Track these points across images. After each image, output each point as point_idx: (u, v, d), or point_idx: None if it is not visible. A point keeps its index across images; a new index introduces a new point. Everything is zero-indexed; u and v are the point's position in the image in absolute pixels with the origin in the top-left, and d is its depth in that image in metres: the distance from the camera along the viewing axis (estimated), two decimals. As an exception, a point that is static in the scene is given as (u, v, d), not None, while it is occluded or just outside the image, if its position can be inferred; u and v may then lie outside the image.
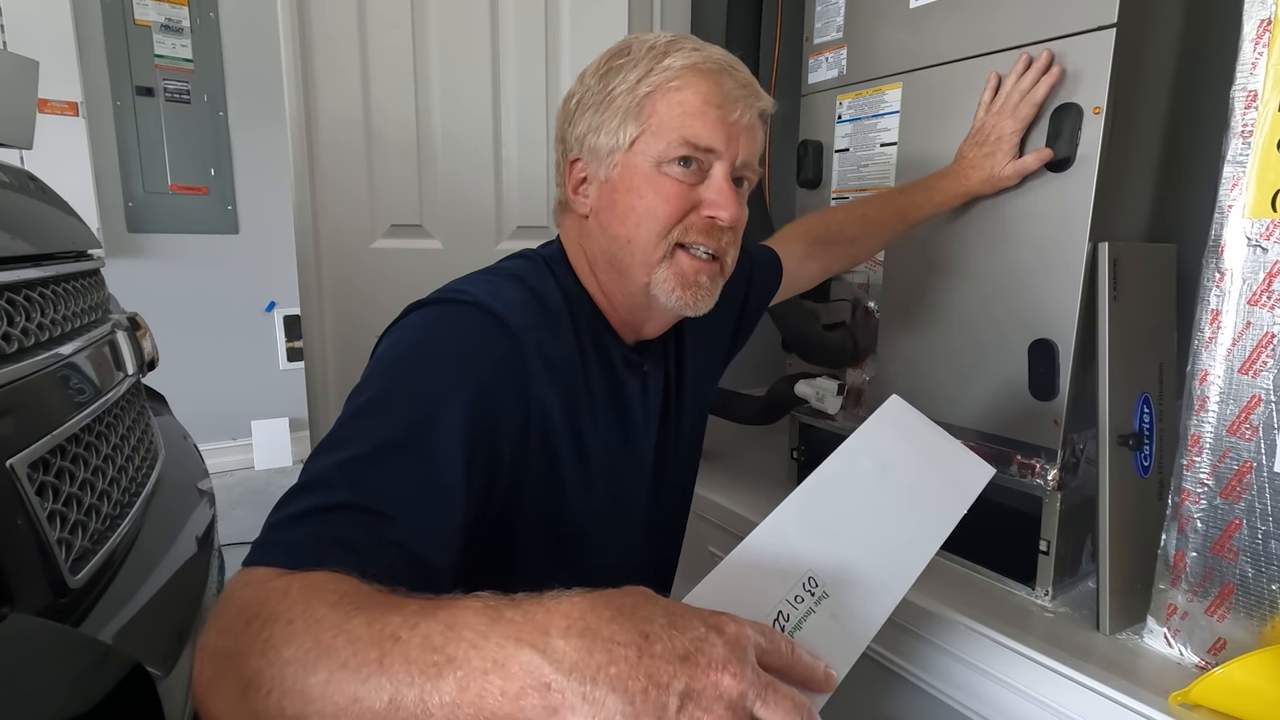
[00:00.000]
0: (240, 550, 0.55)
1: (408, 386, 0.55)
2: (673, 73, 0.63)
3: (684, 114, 0.63)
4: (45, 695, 0.47)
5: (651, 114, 0.63)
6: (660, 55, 0.64)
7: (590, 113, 0.66)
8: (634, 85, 0.64)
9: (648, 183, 0.64)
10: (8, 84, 0.92)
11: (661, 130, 0.63)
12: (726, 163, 0.64)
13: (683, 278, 0.66)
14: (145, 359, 1.04)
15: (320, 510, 0.47)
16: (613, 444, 0.70)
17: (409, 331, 0.60)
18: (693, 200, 0.64)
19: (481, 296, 0.61)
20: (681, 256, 0.66)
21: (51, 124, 2.36)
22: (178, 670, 0.67)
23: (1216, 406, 0.78)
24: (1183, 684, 0.75)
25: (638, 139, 0.64)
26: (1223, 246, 0.76)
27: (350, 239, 1.38)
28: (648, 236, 0.65)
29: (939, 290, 1.10)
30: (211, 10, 2.69)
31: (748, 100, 0.64)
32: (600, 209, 0.68)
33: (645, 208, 0.64)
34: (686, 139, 0.62)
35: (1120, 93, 0.89)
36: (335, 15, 1.30)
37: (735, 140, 0.64)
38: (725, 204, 0.64)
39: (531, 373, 0.60)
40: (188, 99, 2.70)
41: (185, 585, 0.80)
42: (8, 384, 0.61)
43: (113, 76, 2.56)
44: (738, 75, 0.65)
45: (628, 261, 0.66)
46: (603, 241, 0.68)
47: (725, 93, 0.63)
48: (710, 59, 0.64)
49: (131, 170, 2.64)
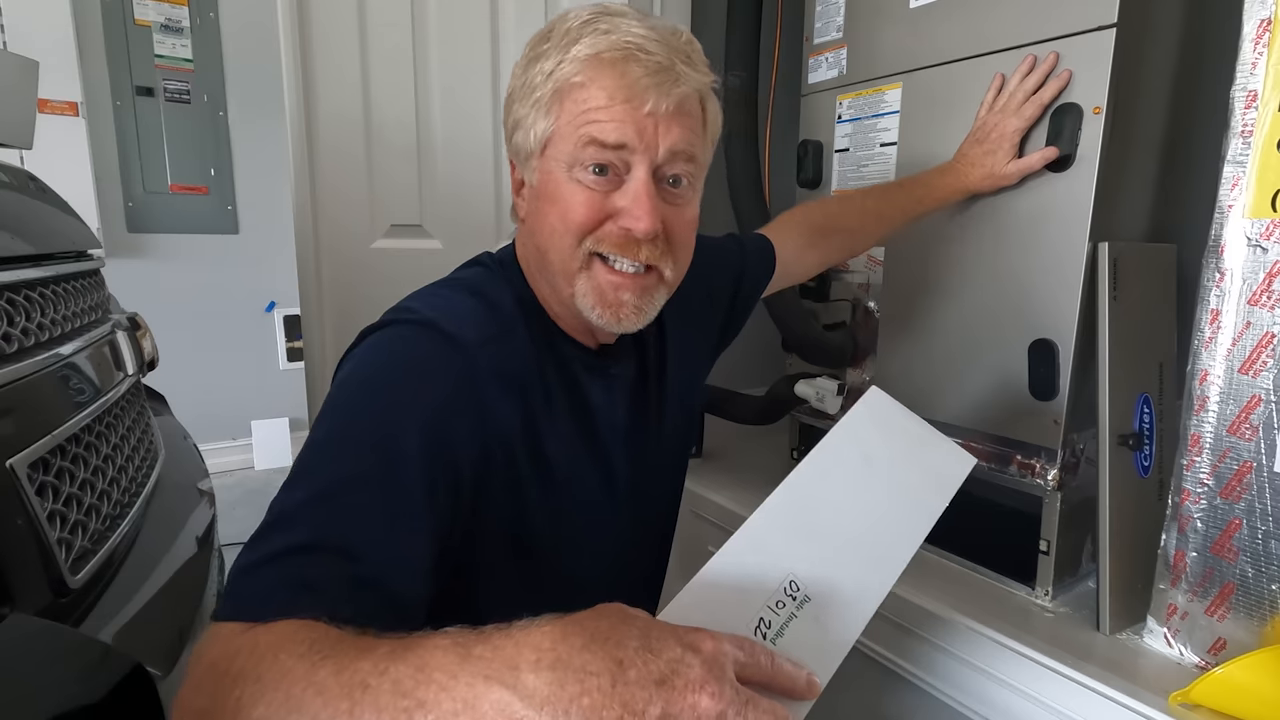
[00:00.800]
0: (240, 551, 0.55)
1: (363, 417, 0.54)
2: (576, 65, 0.57)
3: (587, 110, 0.57)
4: (45, 695, 0.47)
5: (559, 113, 0.58)
6: (571, 42, 0.58)
7: (516, 106, 0.62)
8: (545, 79, 0.59)
9: (560, 190, 0.59)
10: (8, 84, 0.92)
11: (568, 131, 0.58)
12: (645, 162, 0.58)
13: (600, 294, 0.61)
14: (145, 359, 1.04)
15: (284, 554, 0.46)
16: (577, 453, 0.68)
17: (362, 358, 0.59)
18: (609, 208, 0.59)
19: (431, 315, 0.59)
20: (599, 270, 0.60)
21: (51, 124, 2.36)
22: (178, 670, 0.67)
23: (1216, 406, 0.78)
24: (1183, 684, 0.75)
25: (548, 142, 0.59)
26: (1223, 246, 0.76)
27: (350, 239, 1.39)
28: (560, 246, 0.60)
29: (939, 290, 1.10)
30: (211, 10, 2.69)
31: (662, 87, 0.57)
32: (529, 215, 0.64)
33: (557, 216, 0.60)
34: (593, 137, 0.57)
35: (1120, 93, 0.89)
36: (335, 15, 1.31)
37: (651, 133, 0.57)
38: (640, 213, 0.57)
39: (487, 390, 0.58)
40: (188, 99, 2.70)
41: (185, 585, 0.80)
42: (8, 384, 0.61)
43: (113, 76, 2.56)
44: (648, 59, 0.57)
45: (550, 271, 0.63)
46: (531, 248, 0.65)
47: (632, 83, 0.56)
48: (618, 44, 0.57)
49: (131, 170, 2.64)
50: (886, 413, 0.62)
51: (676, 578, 0.48)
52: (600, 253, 0.60)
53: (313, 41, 1.29)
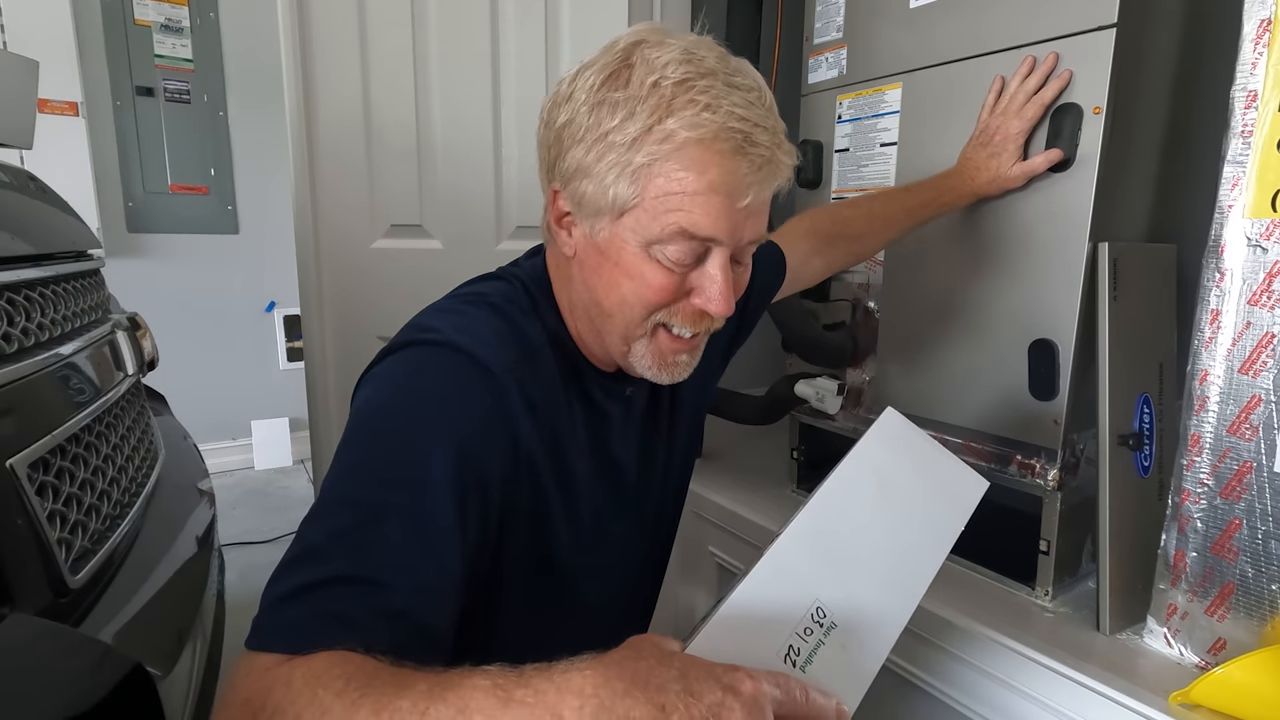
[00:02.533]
0: (240, 550, 0.55)
1: (390, 445, 0.53)
2: (675, 146, 0.52)
3: (682, 195, 0.53)
4: (45, 695, 0.47)
5: (646, 188, 0.54)
6: (664, 108, 0.52)
7: (580, 149, 0.56)
8: (629, 145, 0.53)
9: (636, 263, 0.57)
10: (8, 84, 0.92)
11: (656, 211, 0.54)
12: (727, 249, 0.56)
13: (660, 357, 0.61)
14: (145, 359, 1.04)
15: (315, 586, 0.46)
16: (596, 471, 0.68)
17: (384, 382, 0.57)
18: (684, 287, 0.58)
19: (455, 336, 0.57)
20: (662, 336, 0.61)
21: (51, 124, 2.36)
22: (178, 670, 0.68)
23: (1216, 406, 0.78)
24: (1183, 684, 0.75)
25: (627, 212, 0.55)
26: (1223, 246, 0.76)
27: (350, 239, 1.39)
28: (630, 317, 0.59)
29: (939, 290, 1.10)
30: (211, 10, 2.69)
31: (764, 183, 0.55)
32: (585, 264, 0.61)
33: (631, 290, 0.58)
34: (684, 228, 0.54)
35: (1120, 93, 0.89)
36: (335, 15, 1.30)
37: (741, 226, 0.56)
38: (718, 297, 0.57)
39: (516, 415, 0.57)
40: (188, 99, 2.70)
41: (185, 585, 0.80)
42: (8, 384, 0.61)
43: (113, 76, 2.56)
44: (755, 153, 0.53)
45: (607, 328, 0.62)
46: (584, 295, 0.62)
47: (738, 180, 0.53)
48: (725, 129, 0.52)
49: (131, 170, 2.64)
50: (902, 434, 0.61)
51: (677, 578, 0.48)
52: (666, 323, 0.60)
53: (313, 41, 1.29)
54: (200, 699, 0.74)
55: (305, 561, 0.48)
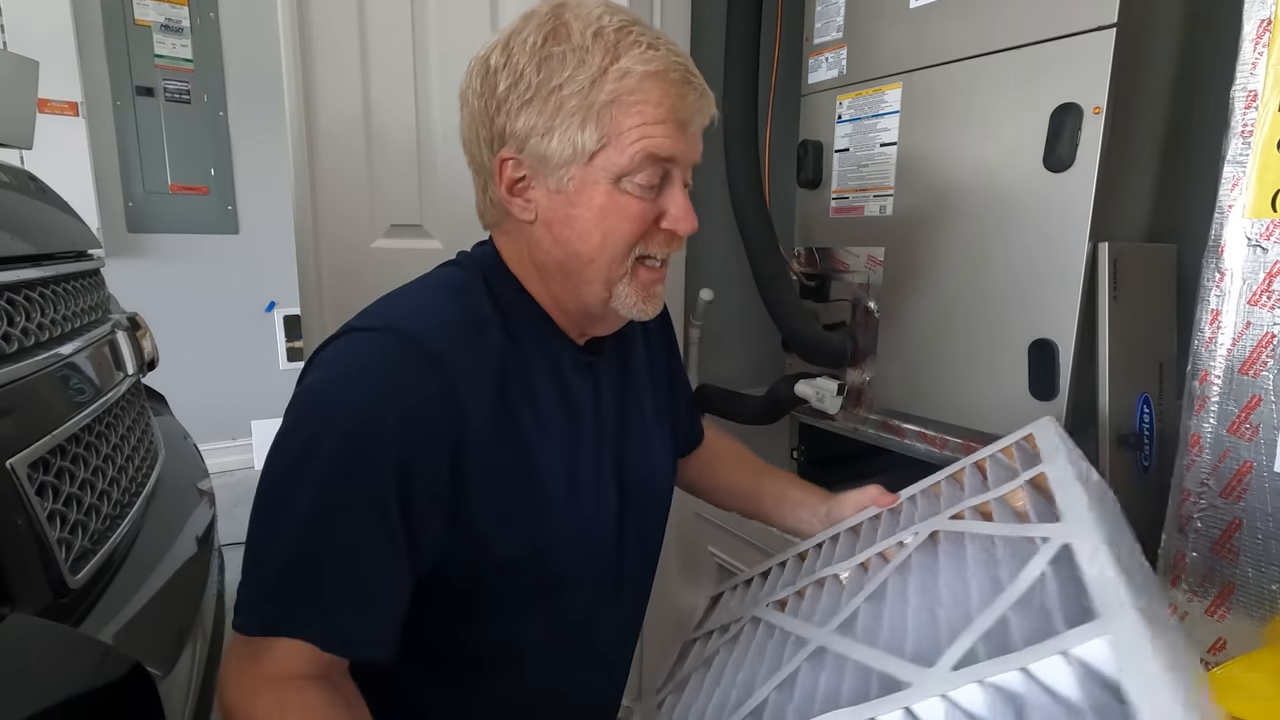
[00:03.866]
0: (240, 550, 0.55)
1: (328, 444, 0.54)
2: (634, 82, 0.58)
3: (645, 125, 0.59)
4: (45, 695, 0.47)
5: (611, 126, 0.59)
6: (613, 51, 0.58)
7: (532, 110, 0.59)
8: (587, 89, 0.58)
9: (609, 199, 0.61)
10: (8, 84, 0.92)
11: (623, 144, 0.59)
12: (682, 172, 0.63)
13: (644, 291, 0.65)
14: (145, 359, 1.04)
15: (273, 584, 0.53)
16: (568, 452, 0.67)
17: (324, 372, 0.59)
18: (653, 213, 0.63)
19: (392, 319, 0.59)
20: (642, 271, 0.65)
21: (51, 124, 2.36)
22: (178, 670, 0.68)
23: (1216, 406, 0.78)
24: (1183, 684, 0.75)
25: (598, 153, 0.59)
26: (1223, 246, 0.76)
27: (350, 239, 1.38)
28: (612, 256, 0.62)
29: (939, 290, 1.10)
30: (211, 10, 2.69)
31: (704, 111, 0.63)
32: (552, 220, 0.63)
33: (610, 228, 0.61)
34: (651, 153, 0.59)
35: (1120, 93, 0.89)
36: (335, 15, 1.30)
37: (692, 149, 0.63)
38: (686, 216, 0.63)
39: (456, 388, 0.57)
40: (188, 99, 2.70)
41: (185, 585, 0.80)
42: (8, 384, 0.61)
43: (113, 76, 2.56)
44: (696, 82, 0.61)
45: (588, 277, 0.64)
46: (556, 254, 0.64)
47: (688, 105, 0.61)
48: (673, 64, 0.60)
49: (131, 170, 2.64)
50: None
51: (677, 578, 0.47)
52: (643, 255, 0.64)
53: (313, 41, 1.29)
54: (200, 699, 0.74)
55: (260, 567, 0.54)
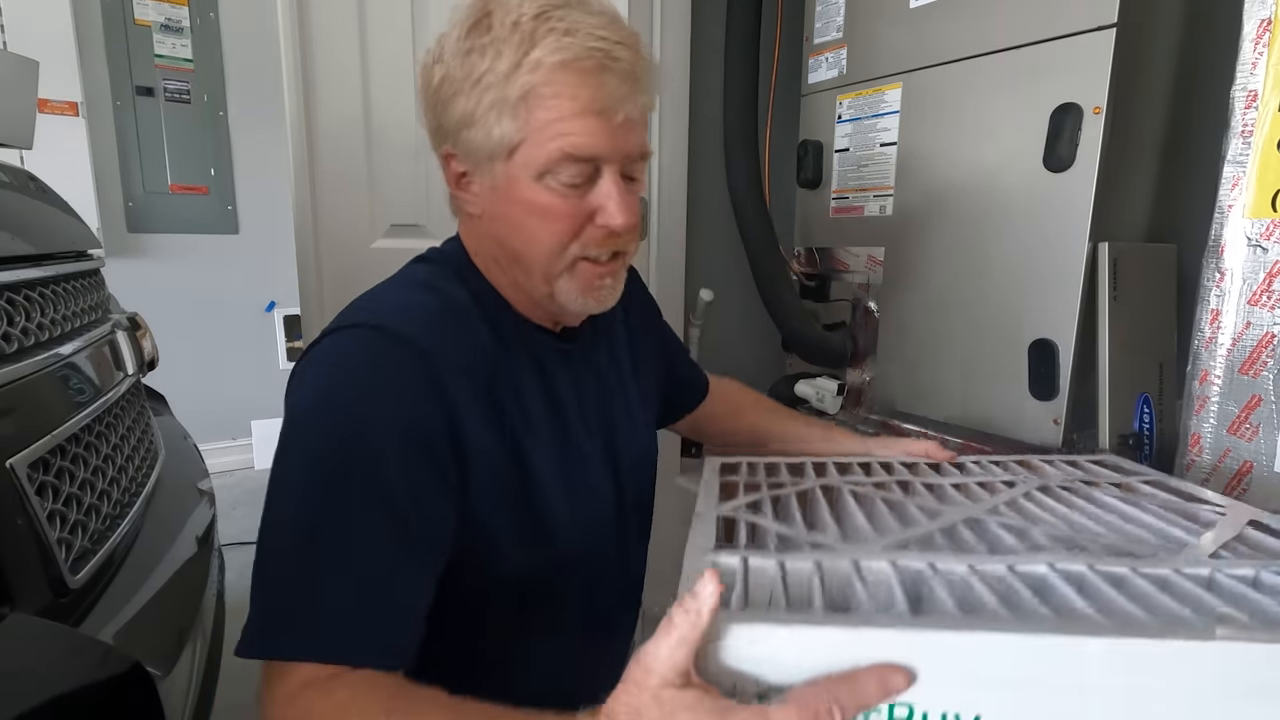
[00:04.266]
0: (240, 550, 0.55)
1: (332, 446, 0.54)
2: (545, 73, 0.55)
3: (560, 120, 0.56)
4: (45, 695, 0.47)
5: (527, 119, 0.56)
6: (528, 41, 0.55)
7: (460, 100, 0.58)
8: (503, 80, 0.56)
9: (533, 197, 0.58)
10: (8, 84, 0.92)
11: (539, 140, 0.57)
12: (616, 165, 0.59)
13: (585, 286, 0.62)
14: (145, 359, 1.04)
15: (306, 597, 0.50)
16: (558, 446, 0.66)
17: (313, 381, 0.57)
18: (585, 209, 0.59)
19: (377, 317, 0.58)
20: (582, 267, 0.62)
21: (51, 124, 2.36)
22: (177, 670, 0.67)
23: (1216, 406, 0.78)
24: (1183, 684, 0.75)
25: (516, 149, 0.58)
26: (1223, 246, 0.76)
27: (350, 239, 1.38)
28: (543, 254, 0.60)
29: (939, 290, 1.10)
30: (211, 10, 2.69)
31: (633, 97, 0.57)
32: (493, 215, 0.62)
33: (538, 225, 0.59)
34: (567, 152, 0.56)
35: (1120, 93, 0.89)
36: (335, 15, 1.30)
37: (621, 141, 0.58)
38: (618, 211, 0.59)
39: (447, 383, 0.57)
40: (188, 99, 2.69)
41: (185, 585, 0.80)
42: (8, 384, 0.61)
43: (113, 76, 2.56)
44: (619, 66, 0.56)
45: (526, 273, 0.63)
46: (499, 249, 0.64)
47: (607, 95, 0.56)
48: (588, 50, 0.55)
49: (131, 170, 2.64)
50: None
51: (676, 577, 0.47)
52: (583, 256, 0.61)
53: (313, 42, 1.29)
54: (200, 699, 0.74)
55: (273, 570, 0.52)
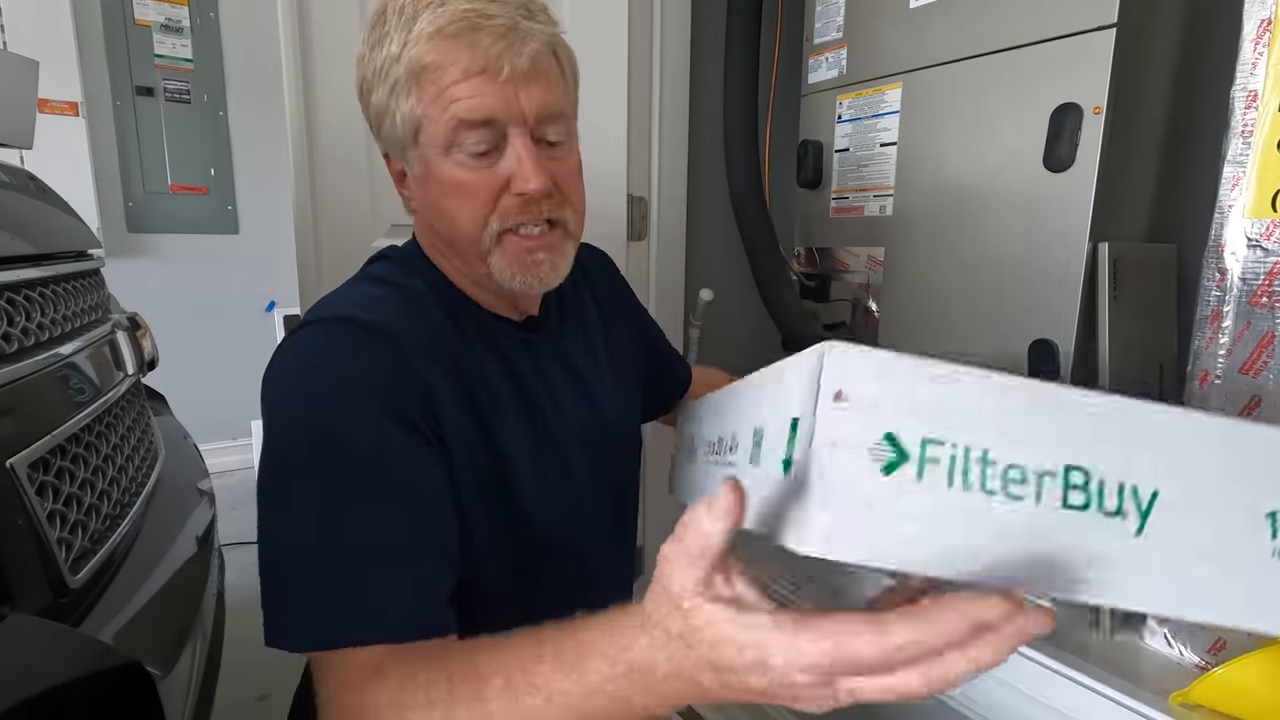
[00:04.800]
0: (240, 550, 0.55)
1: (312, 436, 0.53)
2: (423, 45, 0.55)
3: (446, 90, 0.56)
4: (45, 695, 0.47)
5: (419, 96, 0.57)
6: (410, 20, 0.56)
7: (374, 95, 0.60)
8: (395, 63, 0.57)
9: (446, 174, 0.59)
10: (8, 84, 0.92)
11: (434, 114, 0.57)
12: (520, 126, 0.57)
13: (517, 261, 0.61)
14: (145, 359, 1.04)
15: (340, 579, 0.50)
16: (529, 429, 0.66)
17: (286, 372, 0.57)
18: (498, 179, 0.58)
19: (343, 310, 0.59)
20: (510, 240, 0.61)
21: (51, 124, 2.36)
22: (178, 670, 0.67)
23: (1216, 406, 0.78)
24: (1183, 684, 0.75)
25: (419, 129, 0.58)
26: (1223, 246, 0.76)
27: (350, 239, 1.38)
28: (466, 232, 0.60)
29: (939, 290, 1.10)
30: (211, 10, 2.69)
31: (512, 49, 0.55)
32: (423, 204, 0.64)
33: (455, 204, 0.59)
34: (460, 118, 0.56)
35: (1120, 93, 0.89)
36: (335, 15, 1.30)
37: (515, 100, 0.56)
38: (528, 173, 0.57)
39: (418, 365, 0.57)
40: (188, 99, 2.69)
41: (185, 585, 0.80)
42: (8, 384, 0.61)
43: (113, 76, 2.56)
44: (491, 24, 0.55)
45: (464, 254, 0.63)
46: (437, 238, 0.65)
47: (482, 53, 0.55)
48: (458, 14, 0.55)
49: (131, 170, 2.64)
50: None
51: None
52: (507, 228, 0.60)
53: (313, 41, 1.29)
54: (200, 699, 0.74)
55: (288, 568, 0.52)
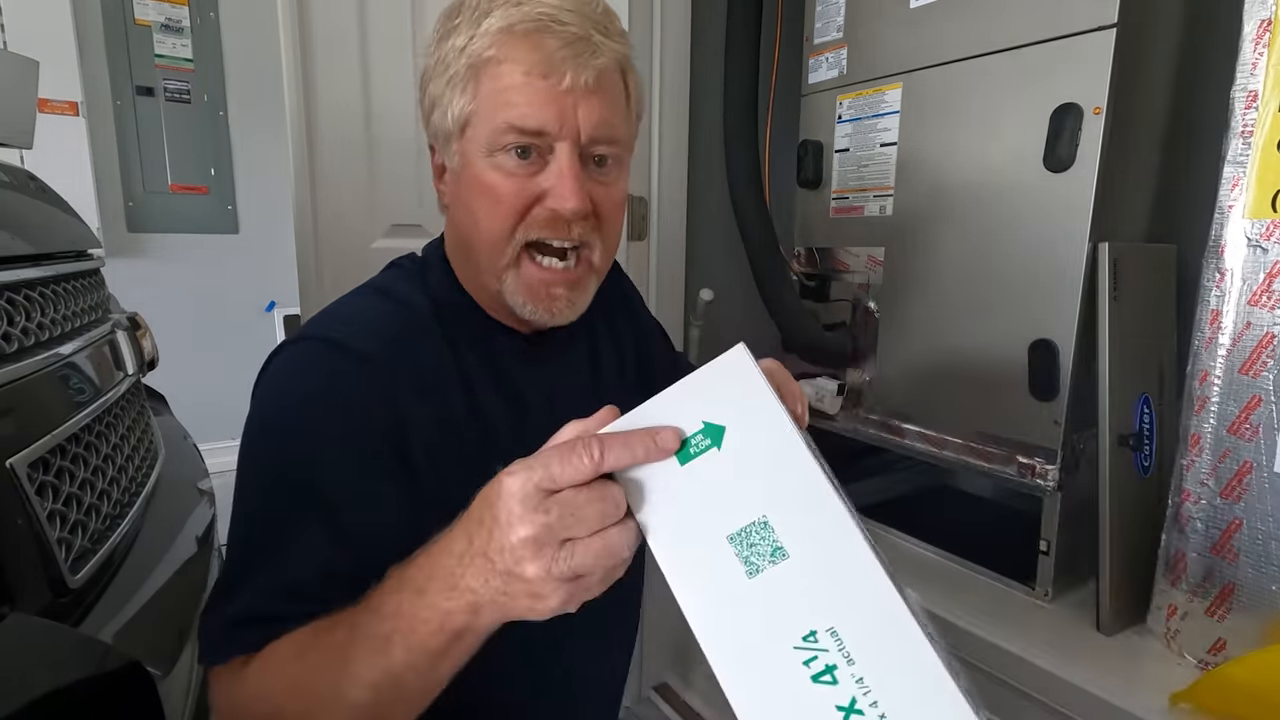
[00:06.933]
0: (240, 550, 0.55)
1: (284, 462, 0.55)
2: (488, 39, 0.53)
3: (504, 90, 0.54)
4: (45, 695, 0.47)
5: (475, 91, 0.55)
6: (482, 15, 0.54)
7: (431, 85, 0.58)
8: (458, 55, 0.55)
9: (483, 175, 0.56)
10: (8, 84, 0.92)
11: (486, 113, 0.55)
12: (569, 141, 0.55)
13: (530, 290, 0.59)
14: (145, 359, 1.04)
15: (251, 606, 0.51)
16: (524, 445, 0.63)
17: (264, 392, 0.58)
18: (533, 190, 0.56)
19: (333, 330, 0.57)
20: (529, 267, 0.58)
21: (51, 124, 2.35)
22: (177, 670, 0.67)
23: (1216, 406, 0.78)
24: (1183, 684, 0.75)
25: (467, 124, 0.56)
26: (1223, 246, 0.76)
27: (350, 239, 1.38)
28: (489, 238, 0.58)
29: (939, 290, 1.10)
30: (211, 10, 2.69)
31: (580, 58, 0.53)
32: (454, 202, 0.61)
33: (485, 208, 0.57)
34: (511, 124, 0.54)
35: (1120, 93, 0.89)
36: (335, 15, 1.30)
37: (571, 114, 0.54)
38: (567, 192, 0.55)
39: (399, 397, 0.56)
40: (188, 99, 2.69)
41: (185, 585, 0.80)
42: (8, 384, 0.61)
43: (113, 76, 2.56)
44: (564, 30, 0.53)
45: (480, 263, 0.60)
46: (456, 239, 0.63)
47: (547, 57, 0.53)
48: (531, 15, 0.53)
49: (131, 170, 2.63)
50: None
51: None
52: (530, 242, 0.58)
53: (313, 41, 1.29)
54: (200, 699, 0.74)
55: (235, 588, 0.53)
